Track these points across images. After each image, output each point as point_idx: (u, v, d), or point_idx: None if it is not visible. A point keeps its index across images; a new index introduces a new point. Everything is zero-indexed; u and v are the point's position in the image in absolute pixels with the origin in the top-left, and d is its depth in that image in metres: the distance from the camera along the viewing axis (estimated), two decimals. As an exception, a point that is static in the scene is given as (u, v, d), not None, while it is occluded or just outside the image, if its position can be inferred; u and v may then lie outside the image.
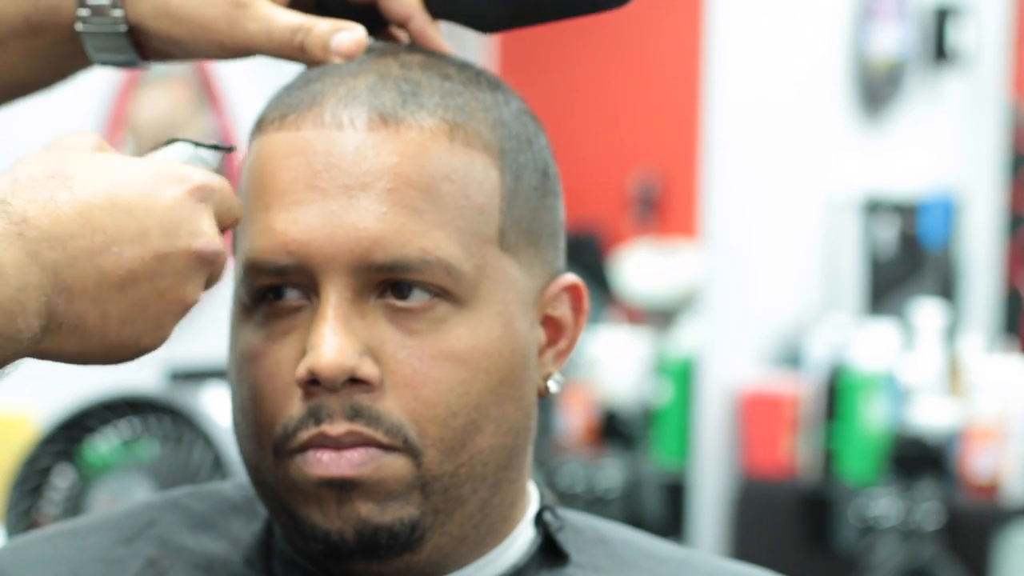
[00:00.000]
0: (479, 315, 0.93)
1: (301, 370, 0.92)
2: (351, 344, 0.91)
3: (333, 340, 0.91)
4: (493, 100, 0.98)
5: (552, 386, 0.99)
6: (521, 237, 0.96)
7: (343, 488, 0.92)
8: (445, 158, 0.93)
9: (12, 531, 2.15)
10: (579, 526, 1.05)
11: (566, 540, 1.03)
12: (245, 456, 0.97)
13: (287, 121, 0.94)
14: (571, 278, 1.00)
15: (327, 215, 0.92)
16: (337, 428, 0.92)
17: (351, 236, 0.92)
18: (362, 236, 0.92)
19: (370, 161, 0.92)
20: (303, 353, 0.92)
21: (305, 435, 0.92)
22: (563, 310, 1.00)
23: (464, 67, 0.99)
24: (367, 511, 0.92)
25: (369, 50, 0.98)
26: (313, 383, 0.92)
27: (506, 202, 0.96)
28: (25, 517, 2.16)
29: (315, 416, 0.92)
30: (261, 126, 0.96)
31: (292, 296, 0.94)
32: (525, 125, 1.00)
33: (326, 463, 0.92)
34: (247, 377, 0.95)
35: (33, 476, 2.17)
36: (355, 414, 0.92)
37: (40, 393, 2.48)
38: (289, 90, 0.97)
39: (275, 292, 0.94)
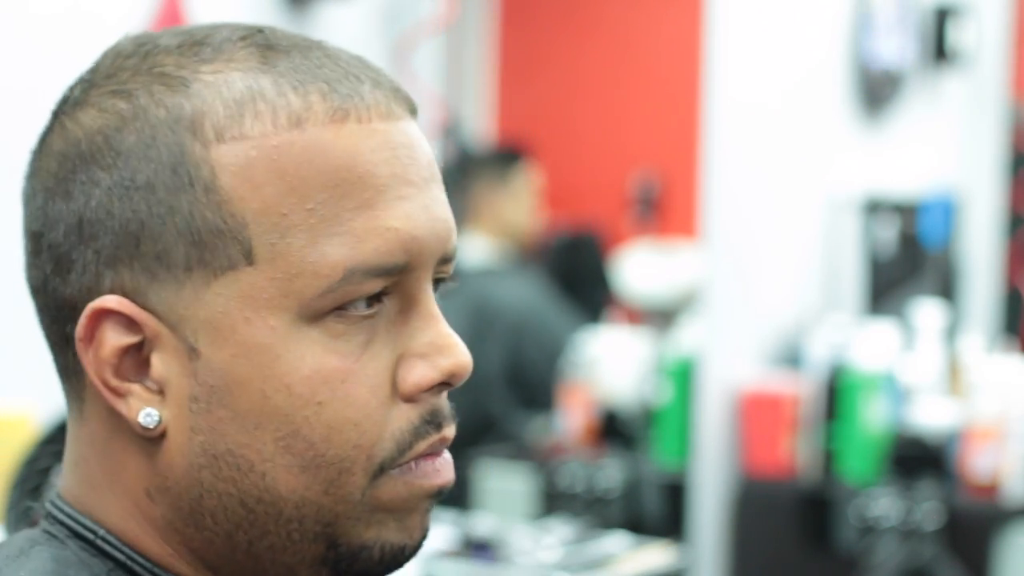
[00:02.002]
0: None
1: (434, 375, 0.88)
2: None
3: (457, 337, 0.90)
4: None
5: None
6: None
7: (439, 495, 0.91)
8: None
9: (12, 531, 2.15)
10: None
11: None
12: (297, 493, 0.87)
13: (353, 114, 0.87)
14: None
15: (424, 209, 0.88)
16: (451, 430, 0.91)
17: (443, 229, 0.90)
18: (449, 228, 0.90)
19: (428, 152, 0.91)
20: (392, 363, 0.88)
21: (424, 444, 0.89)
22: None
23: None
24: (430, 517, 0.92)
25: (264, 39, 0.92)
26: (441, 386, 0.89)
27: None
28: (25, 517, 2.16)
29: (435, 422, 0.89)
30: (312, 120, 0.86)
31: (361, 305, 0.87)
32: None
33: (439, 470, 0.90)
34: (332, 400, 0.86)
35: (33, 476, 2.17)
36: (454, 414, 0.91)
37: (40, 393, 2.48)
38: (314, 79, 0.88)
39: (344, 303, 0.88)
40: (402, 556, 0.90)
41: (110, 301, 0.87)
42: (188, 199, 0.85)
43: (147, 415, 0.87)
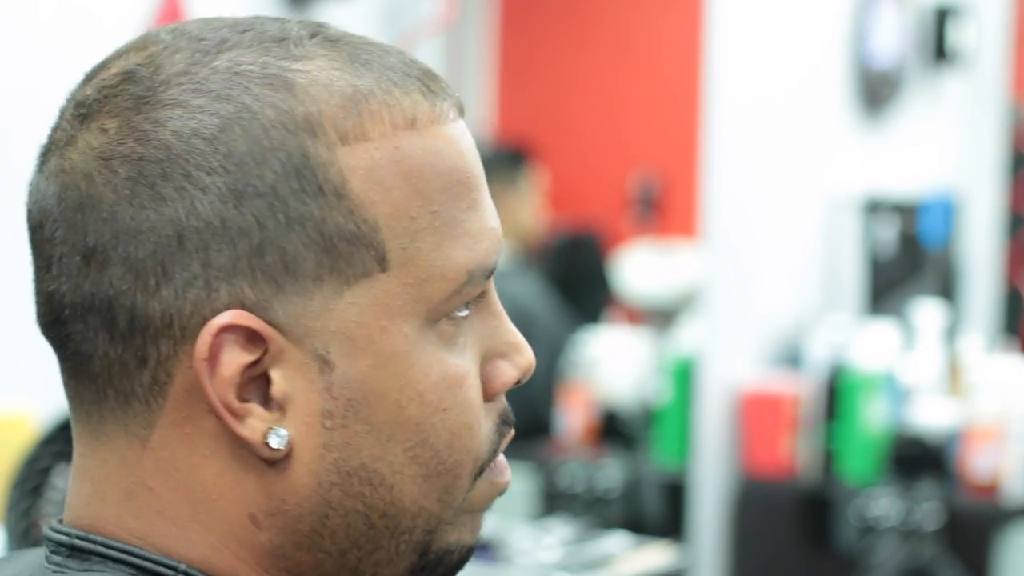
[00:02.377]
0: None
1: (516, 373, 0.88)
2: None
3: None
4: None
5: None
6: None
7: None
8: None
9: (12, 531, 2.15)
10: None
11: None
12: (417, 504, 0.85)
13: (446, 112, 0.85)
14: None
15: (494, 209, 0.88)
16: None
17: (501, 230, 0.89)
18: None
19: None
20: (478, 362, 0.87)
21: (503, 443, 0.89)
22: None
23: None
24: None
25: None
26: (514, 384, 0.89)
27: None
28: (25, 517, 2.16)
29: (508, 420, 0.89)
30: (421, 120, 0.84)
31: (463, 307, 0.86)
32: None
33: (507, 467, 0.90)
34: (454, 406, 0.85)
35: (33, 476, 2.17)
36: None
37: (40, 393, 2.48)
38: (408, 77, 0.85)
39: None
40: (469, 556, 0.89)
41: (236, 316, 0.80)
42: (318, 205, 0.80)
43: (277, 436, 0.81)
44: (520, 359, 0.88)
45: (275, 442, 0.81)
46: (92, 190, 0.81)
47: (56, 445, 2.18)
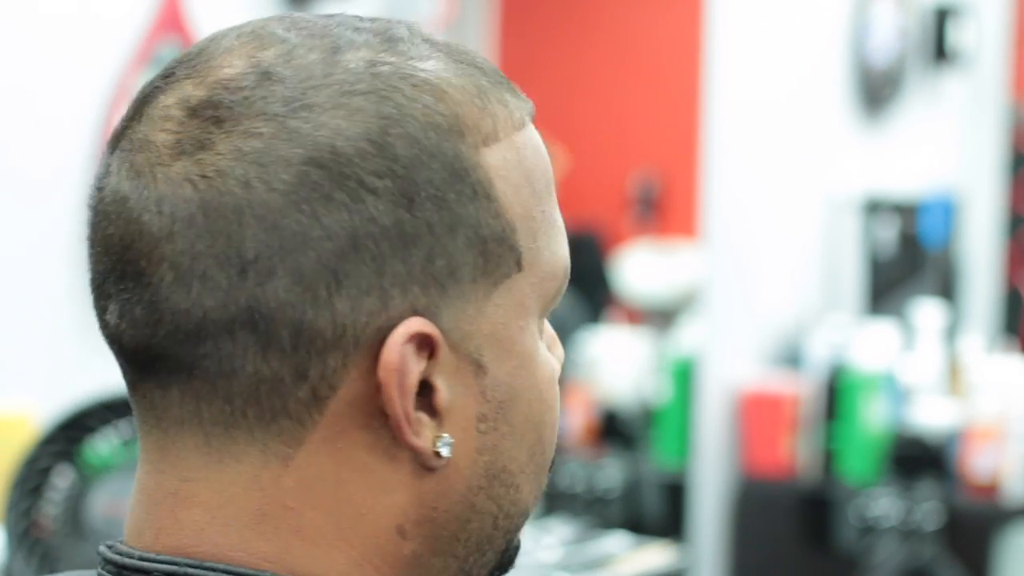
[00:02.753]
0: None
1: (559, 366, 0.87)
2: None
3: None
4: None
5: None
6: None
7: None
8: None
9: (12, 531, 2.15)
10: None
11: None
12: (527, 502, 0.85)
13: (530, 111, 0.86)
14: None
15: None
16: None
17: None
18: None
19: None
20: None
21: None
22: None
23: None
24: None
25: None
26: None
27: None
28: (25, 517, 2.16)
29: None
30: (523, 122, 0.84)
31: None
32: None
33: None
34: (556, 401, 0.86)
35: (33, 476, 2.17)
36: None
37: (40, 393, 2.48)
38: (495, 76, 0.85)
39: None
40: (518, 554, 0.89)
41: (419, 324, 0.78)
42: (474, 207, 0.79)
43: (445, 444, 0.80)
44: (559, 351, 0.88)
45: (445, 450, 0.80)
46: (252, 197, 0.76)
47: (56, 445, 2.18)
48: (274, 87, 0.78)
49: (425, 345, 0.78)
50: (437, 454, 0.80)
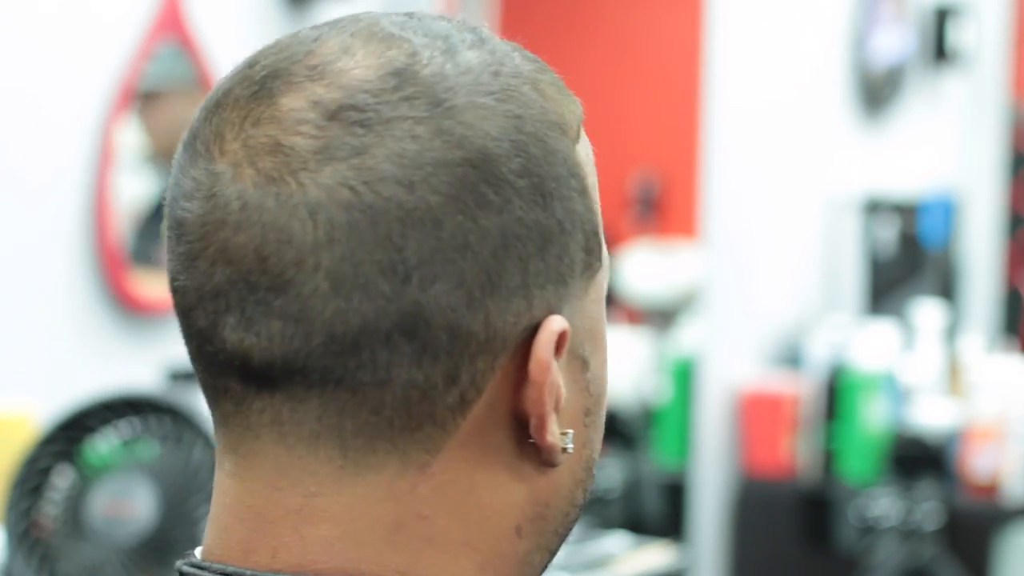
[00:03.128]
0: None
1: None
2: None
3: None
4: None
5: None
6: None
7: None
8: None
9: (12, 531, 2.15)
10: None
11: None
12: (585, 489, 0.86)
13: None
14: None
15: None
16: None
17: None
18: None
19: None
20: None
21: None
22: None
23: None
24: None
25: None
26: None
27: None
28: (25, 517, 2.16)
29: None
30: (578, 128, 0.83)
31: None
32: None
33: None
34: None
35: (33, 476, 2.17)
36: None
37: (40, 393, 2.48)
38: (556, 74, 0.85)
39: None
40: None
41: (561, 322, 0.78)
42: (581, 203, 0.80)
43: (570, 440, 0.80)
44: None
45: (571, 446, 0.80)
46: (414, 201, 0.74)
47: (56, 445, 2.18)
48: (415, 88, 0.76)
49: (561, 343, 0.79)
50: (565, 450, 0.80)
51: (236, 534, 0.78)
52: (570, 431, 0.80)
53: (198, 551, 0.80)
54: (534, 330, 0.77)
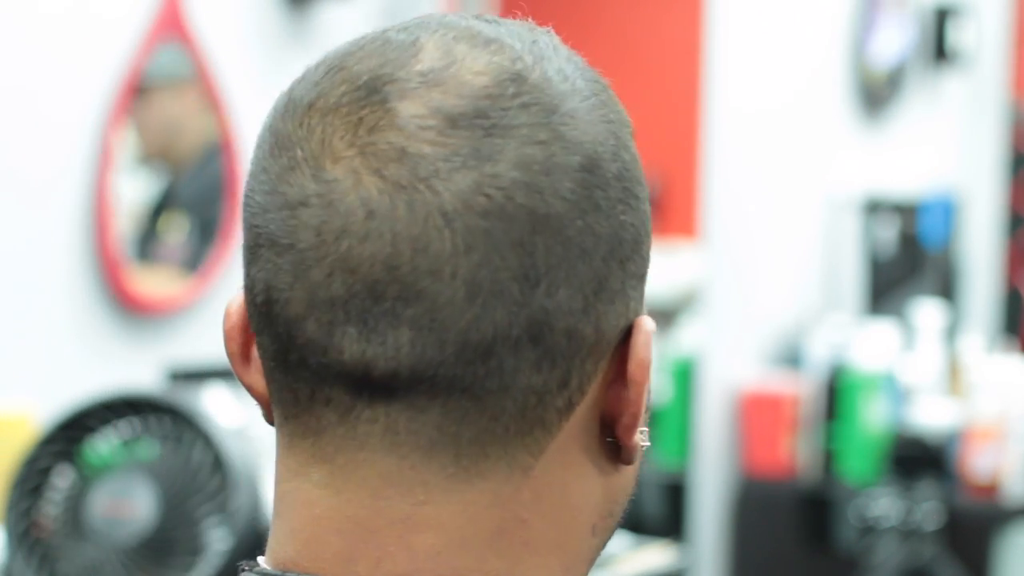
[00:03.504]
0: None
1: None
2: None
3: None
4: None
5: None
6: None
7: None
8: None
9: (12, 531, 2.15)
10: None
11: None
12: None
13: None
14: None
15: None
16: None
17: None
18: None
19: None
20: None
21: None
22: None
23: None
24: None
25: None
26: None
27: None
28: (25, 517, 2.16)
29: None
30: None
31: None
32: None
33: None
34: None
35: (33, 476, 2.17)
36: None
37: (40, 393, 2.48)
38: None
39: None
40: None
41: (651, 322, 0.80)
42: (646, 207, 0.81)
43: (647, 437, 0.81)
44: None
45: (648, 443, 0.81)
46: (543, 207, 0.74)
47: (56, 445, 2.18)
48: (530, 95, 0.76)
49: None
50: (643, 447, 0.81)
51: (331, 545, 0.76)
52: (646, 428, 0.81)
53: (263, 560, 0.79)
54: (627, 331, 0.78)
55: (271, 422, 0.80)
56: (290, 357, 0.76)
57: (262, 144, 0.77)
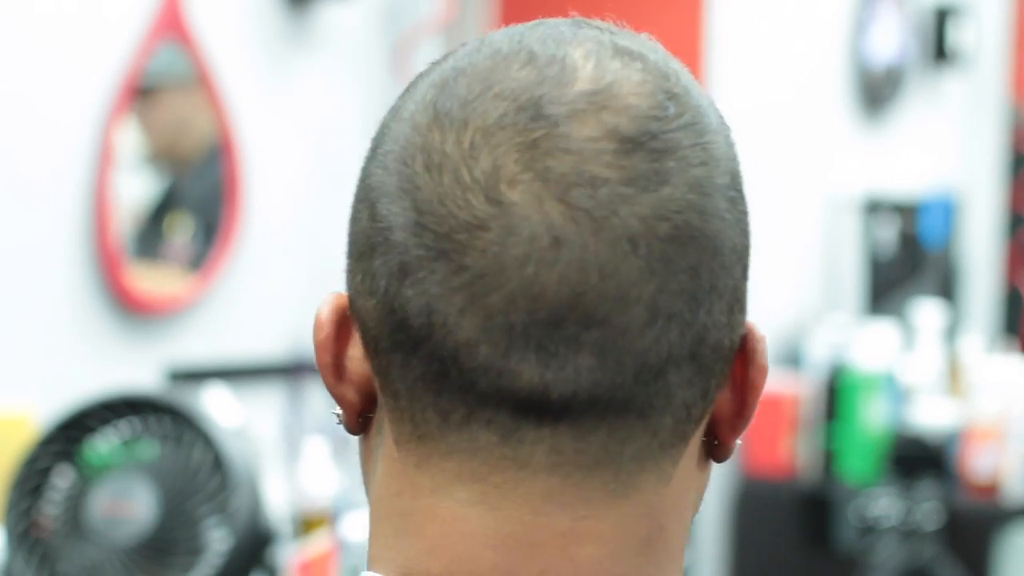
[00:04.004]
0: None
1: None
2: None
3: None
4: None
5: None
6: None
7: None
8: None
9: (12, 531, 2.15)
10: None
11: None
12: None
13: None
14: None
15: None
16: None
17: None
18: None
19: None
20: None
21: None
22: None
23: None
24: None
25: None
26: None
27: None
28: (25, 517, 2.16)
29: None
30: None
31: None
32: None
33: None
34: None
35: (33, 476, 2.17)
36: None
37: (40, 393, 2.48)
38: None
39: None
40: None
41: (762, 330, 0.82)
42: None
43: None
44: None
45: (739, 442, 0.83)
46: (710, 229, 0.76)
47: (56, 445, 2.18)
48: (688, 114, 0.76)
49: None
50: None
51: (487, 560, 0.75)
52: None
53: None
54: (741, 339, 0.80)
55: (355, 432, 0.79)
56: (449, 379, 0.74)
57: (407, 159, 0.75)
